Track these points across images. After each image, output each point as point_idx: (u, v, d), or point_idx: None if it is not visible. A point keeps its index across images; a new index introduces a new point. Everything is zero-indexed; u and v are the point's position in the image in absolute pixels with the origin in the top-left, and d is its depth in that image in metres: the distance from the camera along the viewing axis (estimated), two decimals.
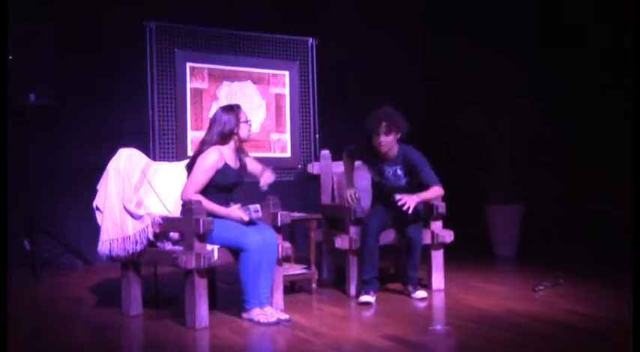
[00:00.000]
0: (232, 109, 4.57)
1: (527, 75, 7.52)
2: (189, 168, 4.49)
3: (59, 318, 4.64)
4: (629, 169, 5.56)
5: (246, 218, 4.38)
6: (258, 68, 7.44)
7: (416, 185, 5.09)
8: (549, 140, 7.56)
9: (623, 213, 6.45)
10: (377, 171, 5.16)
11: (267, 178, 4.58)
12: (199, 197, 4.30)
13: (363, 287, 5.01)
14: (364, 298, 4.89)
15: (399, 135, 5.00)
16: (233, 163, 4.55)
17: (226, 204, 4.49)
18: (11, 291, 5.12)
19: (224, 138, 4.49)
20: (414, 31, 8.51)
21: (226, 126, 4.49)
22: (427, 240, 5.34)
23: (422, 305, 4.89)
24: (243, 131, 4.55)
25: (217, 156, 4.42)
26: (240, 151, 4.64)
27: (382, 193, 5.17)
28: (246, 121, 4.57)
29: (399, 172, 5.09)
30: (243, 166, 4.65)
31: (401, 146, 5.09)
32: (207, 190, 4.42)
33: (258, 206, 4.48)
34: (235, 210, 4.41)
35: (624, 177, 6.57)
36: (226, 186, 4.50)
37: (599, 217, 6.97)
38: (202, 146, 4.51)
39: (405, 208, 4.79)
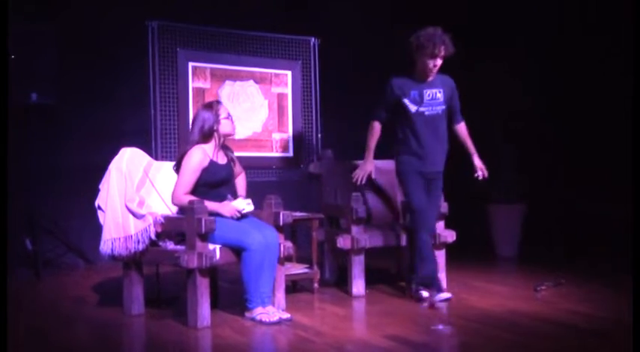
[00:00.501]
0: (211, 106, 4.58)
1: (527, 75, 7.52)
2: (177, 168, 4.50)
3: (61, 318, 4.65)
4: (630, 169, 5.56)
5: (238, 212, 4.40)
6: (261, 68, 7.45)
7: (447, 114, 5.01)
8: (550, 140, 7.57)
9: (623, 213, 6.45)
10: (415, 97, 4.88)
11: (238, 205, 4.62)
12: (190, 197, 4.30)
13: (429, 283, 4.87)
14: (443, 295, 4.82)
15: None
16: (219, 159, 4.56)
17: (222, 201, 4.52)
18: (13, 291, 5.13)
19: (205, 136, 4.51)
20: (415, 31, 8.49)
21: (206, 124, 4.50)
22: None
23: (424, 305, 4.88)
24: (224, 127, 4.55)
25: (201, 155, 4.43)
26: (224, 148, 4.66)
27: (419, 132, 4.89)
28: (227, 117, 4.57)
29: (439, 95, 4.91)
30: (231, 161, 4.67)
31: (437, 73, 4.97)
32: (199, 189, 4.43)
33: (249, 200, 4.53)
34: (227, 205, 4.43)
35: (625, 176, 6.57)
36: (216, 182, 4.51)
37: (600, 217, 6.97)
38: (186, 146, 4.53)
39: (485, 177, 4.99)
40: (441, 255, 5.37)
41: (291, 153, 7.60)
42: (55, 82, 6.29)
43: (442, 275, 5.37)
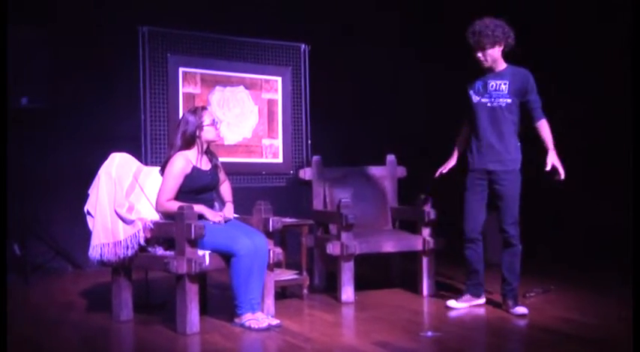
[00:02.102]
0: (195, 112, 4.55)
1: None
2: (162, 173, 4.50)
3: (49, 323, 4.63)
4: (623, 177, 5.58)
5: (218, 218, 4.41)
6: (251, 73, 7.44)
7: (516, 110, 4.69)
8: (541, 147, 7.57)
9: (615, 221, 6.47)
10: (479, 88, 4.72)
11: (228, 212, 4.63)
12: (175, 203, 4.30)
13: (468, 289, 4.99)
14: (450, 303, 4.92)
15: (501, 47, 4.64)
16: (203, 165, 4.55)
17: (211, 207, 4.52)
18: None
19: (187, 142, 4.49)
20: (408, 36, 8.53)
21: (188, 129, 4.49)
22: (418, 246, 5.36)
23: (413, 311, 4.89)
24: (207, 134, 4.53)
25: (183, 162, 4.43)
26: (209, 153, 4.65)
27: (480, 125, 4.70)
28: (211, 124, 4.54)
29: (503, 87, 4.64)
30: (215, 167, 4.66)
31: (512, 64, 4.73)
32: (184, 196, 4.43)
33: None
34: (211, 211, 4.46)
35: (616, 184, 6.60)
36: (200, 188, 4.51)
37: (590, 225, 6.99)
38: (170, 150, 4.53)
39: (560, 178, 4.62)
40: (429, 262, 5.39)
41: (280, 159, 7.60)
42: (45, 86, 6.27)
43: (431, 282, 5.39)
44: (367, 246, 5.23)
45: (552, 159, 4.65)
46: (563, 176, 4.65)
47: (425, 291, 5.36)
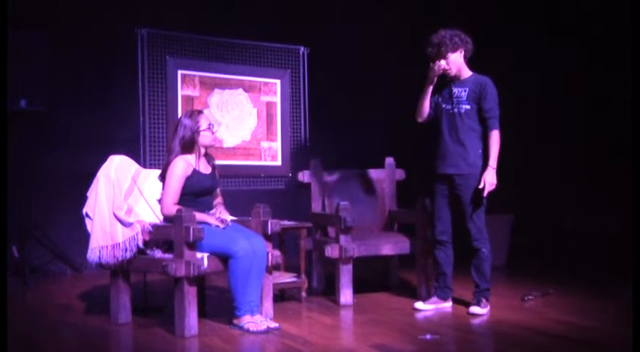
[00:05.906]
0: (191, 116, 4.54)
1: (517, 85, 7.55)
2: (162, 178, 4.50)
3: (48, 325, 4.62)
4: (623, 180, 5.58)
5: (222, 224, 4.41)
6: (250, 76, 7.47)
7: (476, 117, 4.77)
8: (541, 149, 7.59)
9: (613, 225, 6.48)
10: (445, 95, 4.89)
11: (225, 214, 4.64)
12: (179, 207, 4.29)
13: (435, 292, 5.08)
14: (417, 304, 5.02)
15: (462, 53, 4.82)
16: (203, 169, 4.56)
17: (208, 210, 4.52)
18: None
19: (185, 147, 4.49)
20: (407, 39, 8.53)
21: (186, 135, 4.48)
22: (417, 249, 5.36)
23: (412, 313, 4.88)
24: (204, 139, 4.53)
25: (184, 164, 4.43)
26: (207, 156, 4.66)
27: (443, 130, 4.85)
28: (208, 129, 4.54)
29: (463, 94, 4.78)
30: (214, 170, 4.67)
31: (476, 73, 4.87)
32: (184, 198, 4.43)
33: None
34: (213, 217, 4.46)
35: (618, 188, 6.60)
36: (200, 191, 4.51)
37: (590, 229, 6.99)
38: (169, 156, 4.52)
39: (485, 194, 4.73)
40: (428, 264, 5.38)
41: (279, 162, 7.61)
42: (44, 88, 6.27)
43: (429, 285, 5.38)
44: (366, 248, 5.23)
45: (487, 177, 4.72)
46: (485, 194, 4.77)
47: (423, 294, 5.35)
